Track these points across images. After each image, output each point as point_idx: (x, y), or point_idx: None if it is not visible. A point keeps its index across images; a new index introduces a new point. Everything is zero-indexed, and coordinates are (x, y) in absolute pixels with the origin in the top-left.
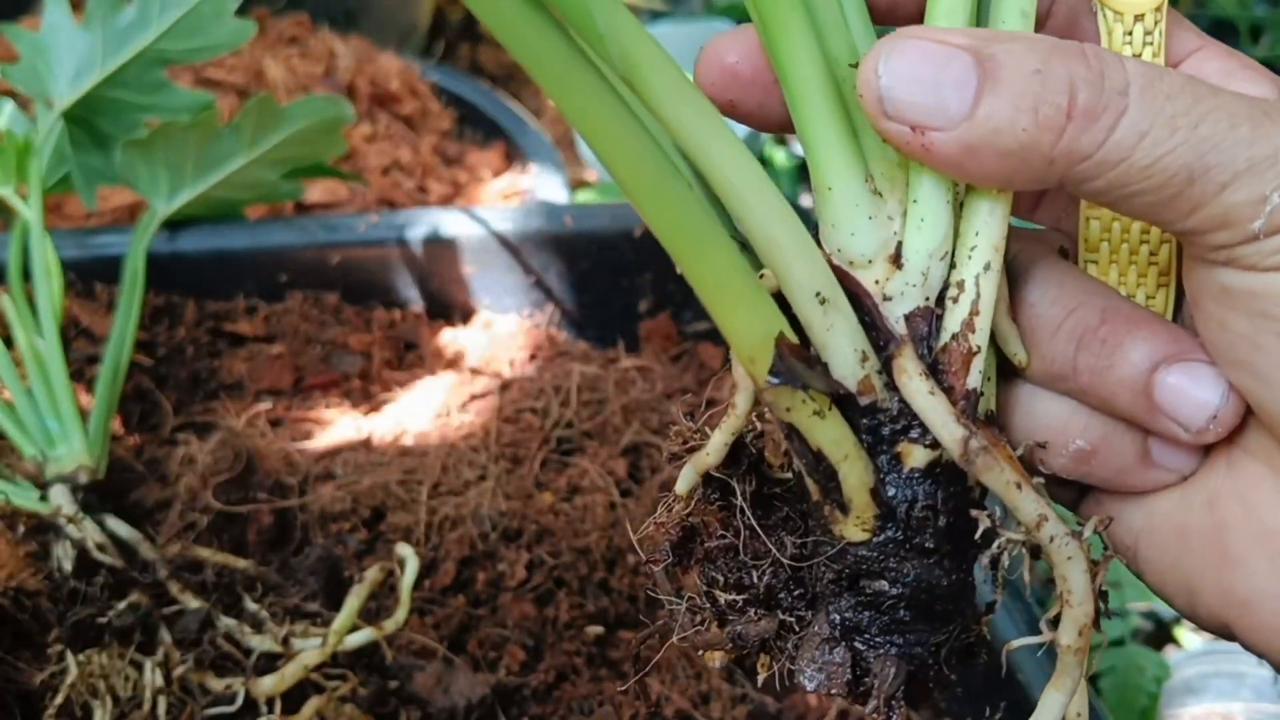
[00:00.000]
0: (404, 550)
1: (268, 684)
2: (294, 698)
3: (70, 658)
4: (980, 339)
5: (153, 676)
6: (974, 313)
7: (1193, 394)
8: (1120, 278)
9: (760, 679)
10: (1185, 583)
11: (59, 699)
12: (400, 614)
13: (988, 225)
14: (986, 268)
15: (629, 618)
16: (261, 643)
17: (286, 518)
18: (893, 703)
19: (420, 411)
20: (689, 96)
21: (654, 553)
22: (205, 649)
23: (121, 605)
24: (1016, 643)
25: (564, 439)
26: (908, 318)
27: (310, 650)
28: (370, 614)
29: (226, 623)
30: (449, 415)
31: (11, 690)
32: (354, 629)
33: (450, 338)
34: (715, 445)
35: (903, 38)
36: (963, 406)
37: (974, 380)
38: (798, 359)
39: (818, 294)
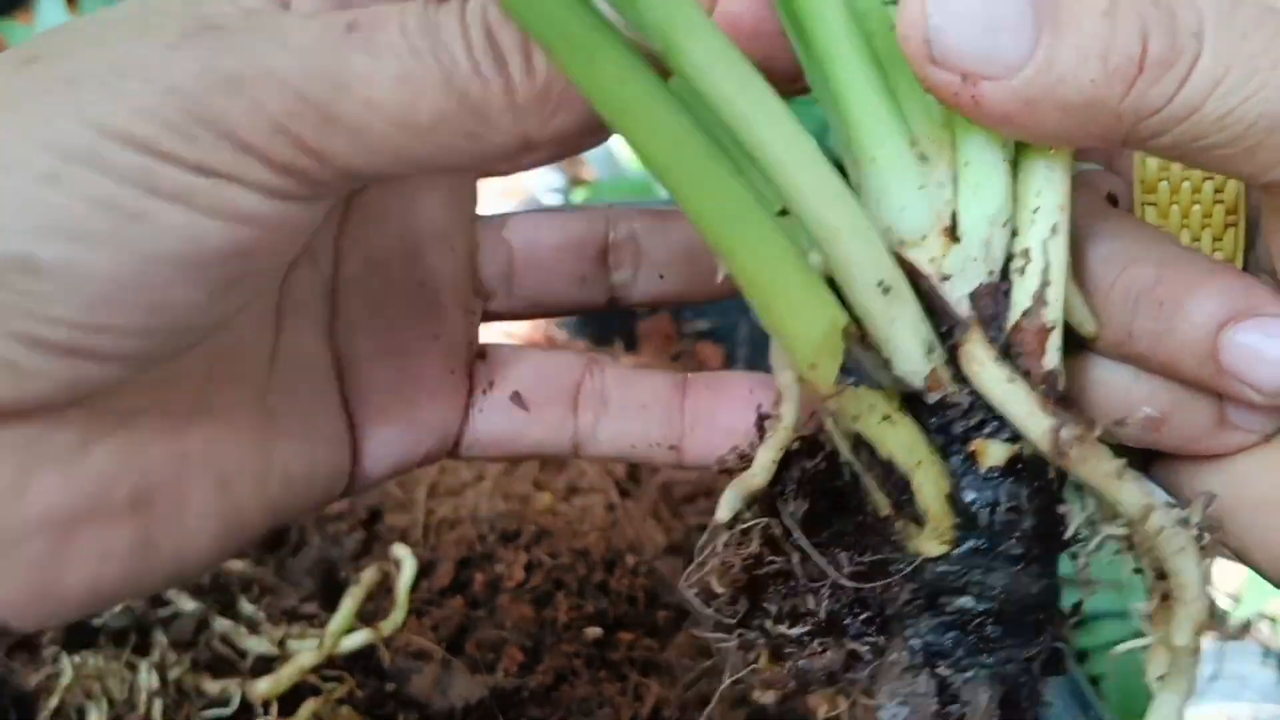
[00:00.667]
0: (401, 551)
1: (264, 686)
2: (290, 700)
3: (65, 660)
4: (1054, 313)
5: (148, 678)
6: (1045, 283)
7: (1266, 352)
8: (1183, 219)
9: None
10: (1272, 554)
11: (54, 701)
12: (397, 615)
13: (1049, 182)
14: (1054, 230)
15: (628, 619)
16: (257, 644)
17: None
18: None
19: None
20: (731, 62)
21: (702, 593)
22: (201, 651)
23: (116, 607)
24: (1123, 647)
25: None
26: (972, 296)
27: (307, 652)
28: (367, 615)
29: (222, 624)
30: None
31: (6, 692)
32: (351, 631)
33: None
34: (762, 464)
35: None
36: (1044, 391)
37: (1052, 360)
38: (866, 355)
39: (880, 283)
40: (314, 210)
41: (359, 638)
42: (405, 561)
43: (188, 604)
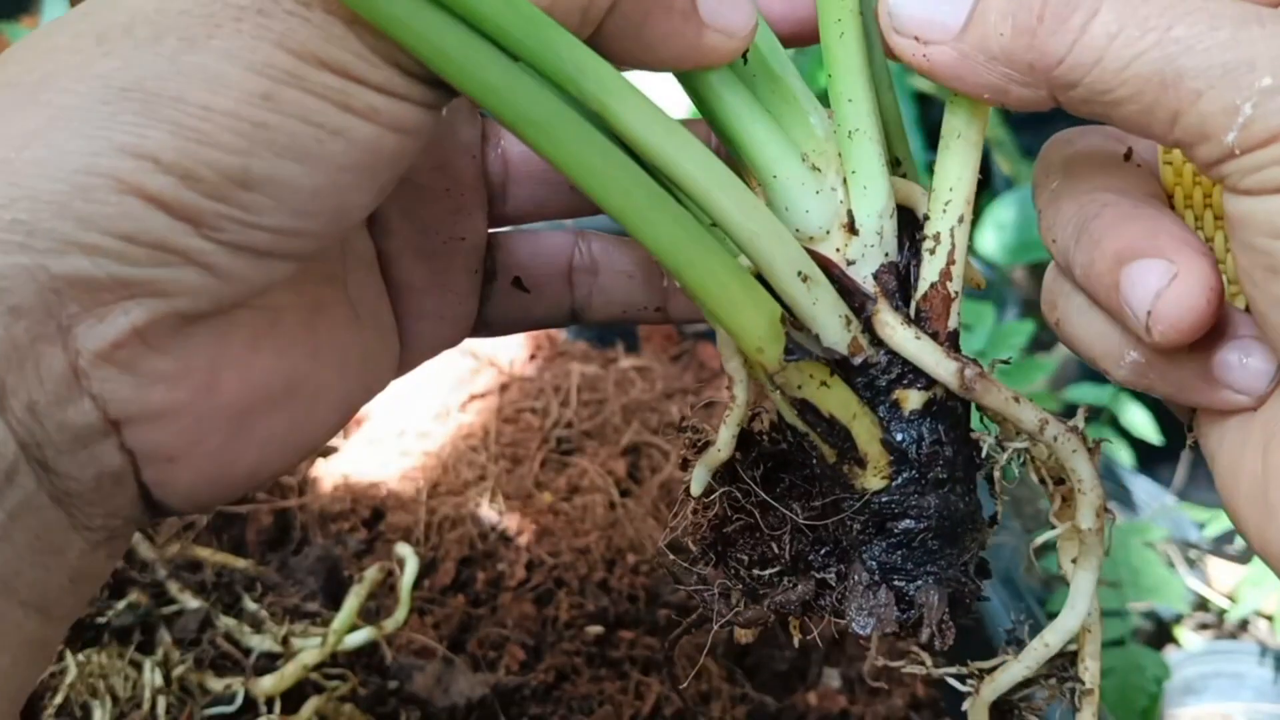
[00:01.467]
0: (403, 550)
1: (267, 684)
2: (293, 697)
3: (70, 657)
4: (957, 285)
5: (152, 676)
6: (950, 262)
7: (1143, 284)
8: (1197, 222)
9: (795, 640)
10: (1238, 519)
11: (58, 698)
12: (400, 614)
13: (960, 181)
14: (960, 220)
15: (629, 617)
16: (261, 642)
17: (286, 517)
18: (942, 626)
19: (420, 411)
20: (655, 116)
21: (680, 553)
22: (205, 648)
23: (121, 605)
24: (1039, 539)
25: (563, 439)
26: (875, 276)
27: (310, 650)
28: (370, 614)
29: (226, 622)
30: (449, 415)
31: None
32: (353, 629)
33: None
34: (724, 440)
35: None
36: (949, 345)
37: (954, 322)
38: (803, 336)
39: (799, 273)
40: (438, 119)
41: (362, 636)
42: (408, 560)
43: (192, 602)
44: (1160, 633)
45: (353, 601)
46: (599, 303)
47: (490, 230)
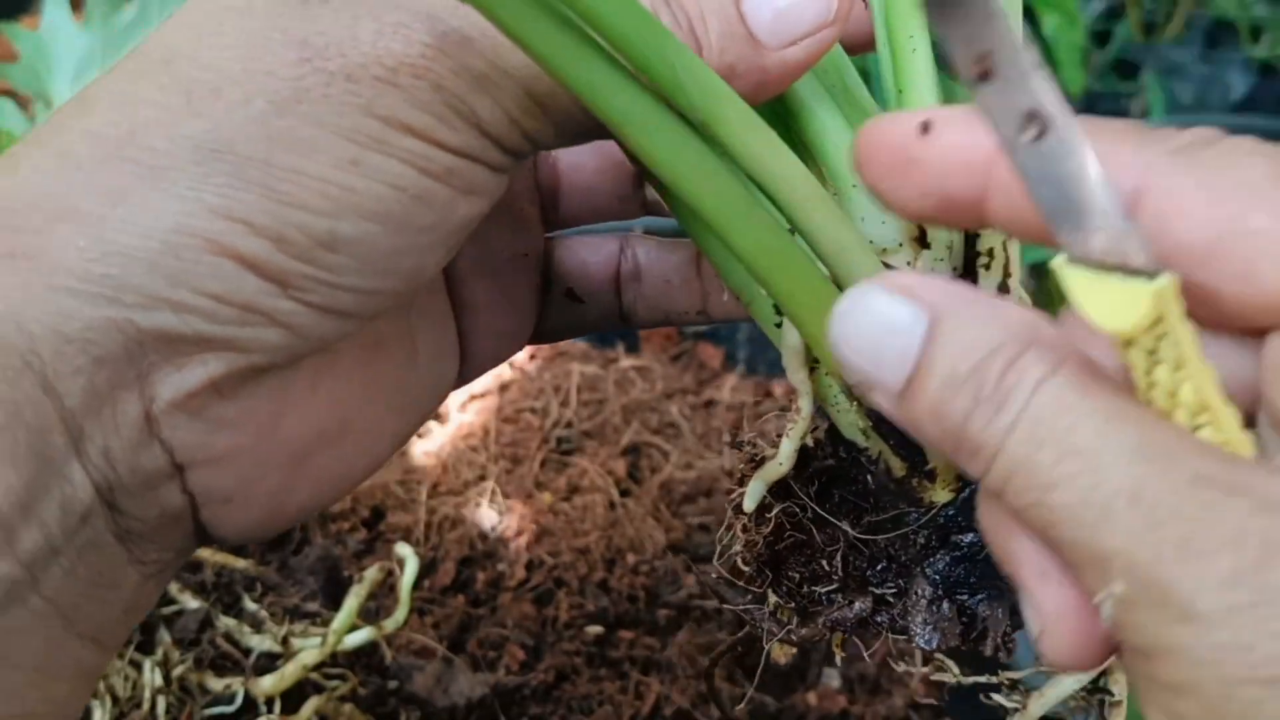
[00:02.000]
0: (403, 550)
1: (267, 684)
2: (293, 697)
3: None
4: (1016, 295)
5: (152, 676)
6: (1007, 274)
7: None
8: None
9: (838, 658)
10: None
11: None
12: (400, 614)
13: None
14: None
15: (629, 617)
16: (261, 642)
17: None
18: (1005, 639)
19: None
20: (755, 125)
21: (736, 571)
22: (204, 648)
23: None
24: None
25: (563, 439)
26: None
27: (310, 650)
28: (370, 614)
29: (226, 622)
30: (448, 415)
31: None
32: (353, 629)
33: None
34: (786, 454)
35: (857, 295)
36: None
37: None
38: None
39: None
40: (505, 183)
41: (361, 636)
42: (408, 560)
43: (191, 602)
44: None
45: (352, 601)
46: (644, 308)
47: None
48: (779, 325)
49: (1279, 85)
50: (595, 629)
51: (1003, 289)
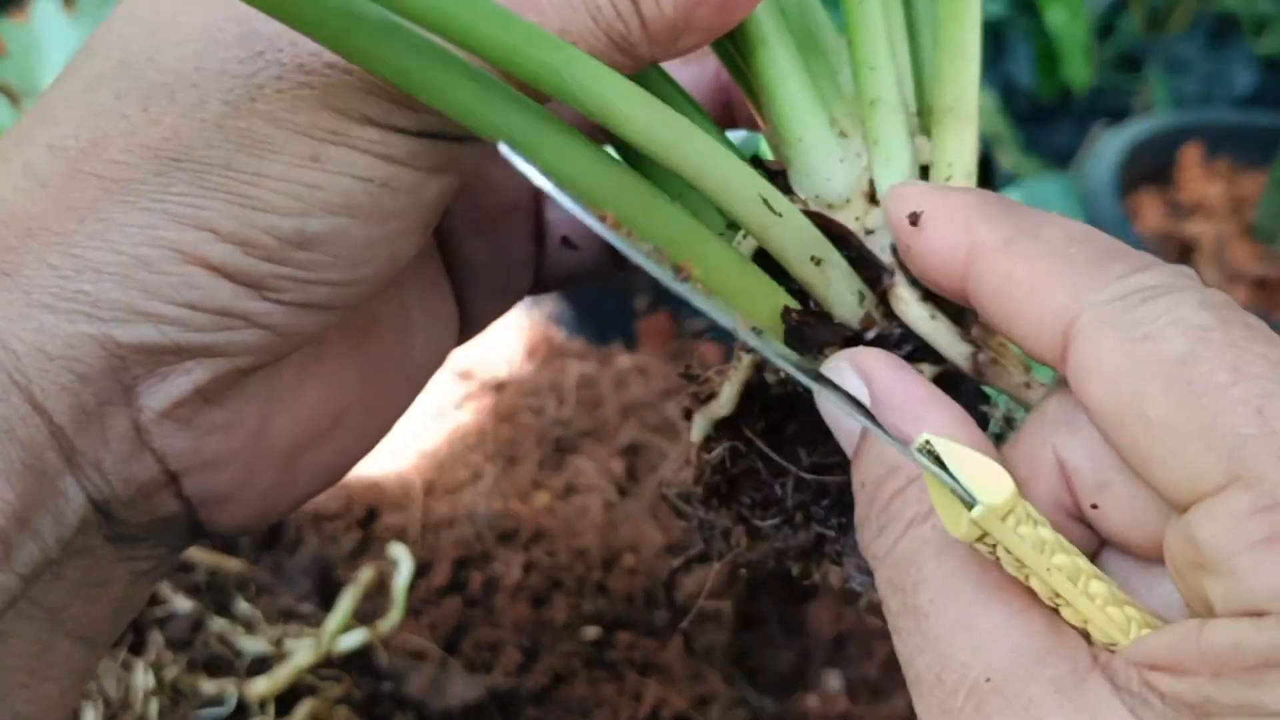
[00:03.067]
0: (398, 550)
1: (260, 686)
2: (287, 700)
3: None
4: None
5: (144, 678)
6: None
7: None
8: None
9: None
10: None
11: None
12: (394, 615)
13: (959, 156)
14: None
15: (626, 619)
16: (254, 644)
17: None
18: None
19: (415, 410)
20: (657, 114)
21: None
22: (197, 650)
23: None
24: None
25: (560, 438)
26: (893, 248)
27: (303, 652)
28: (364, 615)
29: (218, 624)
30: (444, 414)
31: None
32: (347, 630)
33: None
34: (727, 397)
35: (831, 362)
36: (961, 323)
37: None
38: (803, 323)
39: (812, 257)
40: (476, 152)
41: (356, 637)
42: (402, 561)
43: (184, 604)
44: None
45: (347, 603)
46: None
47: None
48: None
49: None
50: (593, 630)
51: None
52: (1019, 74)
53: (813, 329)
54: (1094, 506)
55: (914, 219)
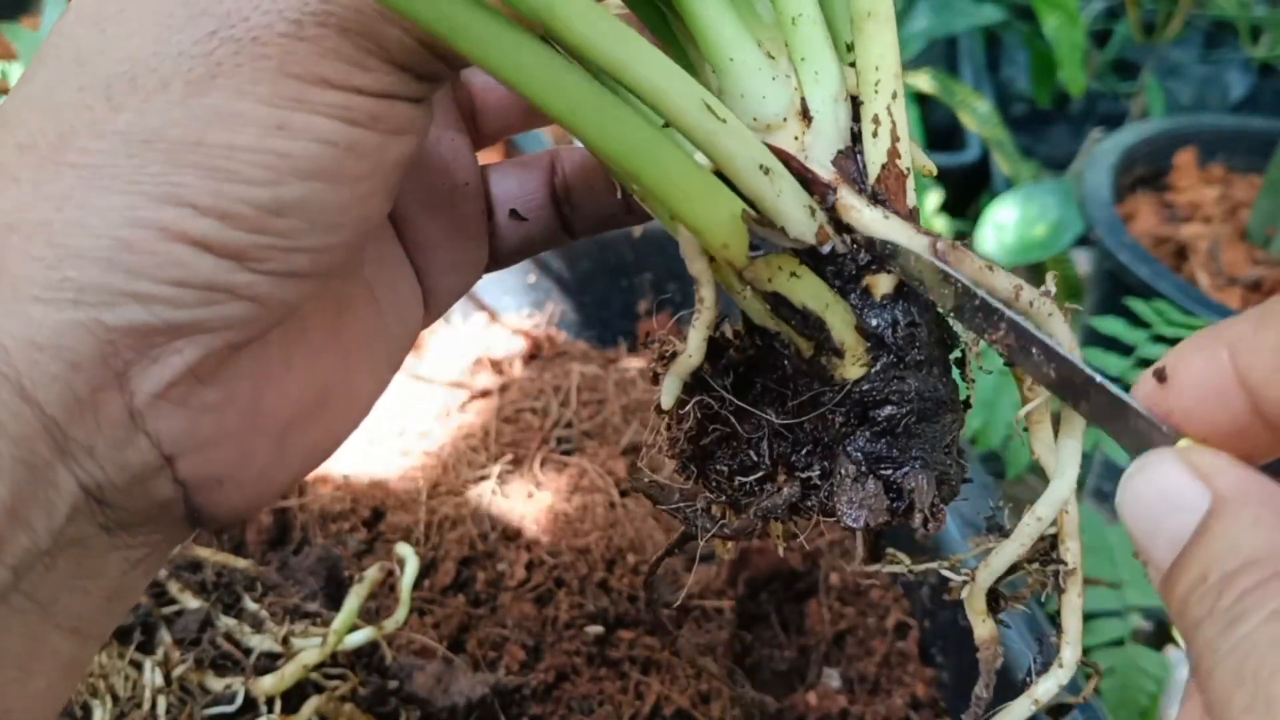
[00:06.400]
0: (404, 550)
1: (267, 683)
2: (294, 697)
3: None
4: (906, 161)
5: (152, 676)
6: (895, 139)
7: None
8: None
9: (780, 549)
10: None
11: None
12: (400, 614)
13: (884, 60)
14: (894, 96)
15: (629, 617)
16: (261, 642)
17: (286, 517)
18: (935, 509)
19: (420, 411)
20: (600, 20)
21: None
22: (205, 648)
23: None
24: (1023, 411)
25: (564, 439)
26: (834, 163)
27: (310, 650)
28: (370, 614)
29: (226, 622)
30: (449, 415)
31: None
32: (354, 629)
33: (450, 337)
34: (695, 345)
35: (1150, 461)
36: (913, 220)
37: (911, 199)
38: (767, 229)
39: (760, 166)
40: (432, 110)
41: (362, 636)
42: (408, 560)
43: (192, 602)
44: (1160, 633)
45: (353, 601)
46: (580, 217)
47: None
48: (674, 217)
49: (1278, 85)
50: (595, 629)
51: (893, 154)
52: (1016, 79)
53: (777, 235)
54: None
55: (1159, 374)
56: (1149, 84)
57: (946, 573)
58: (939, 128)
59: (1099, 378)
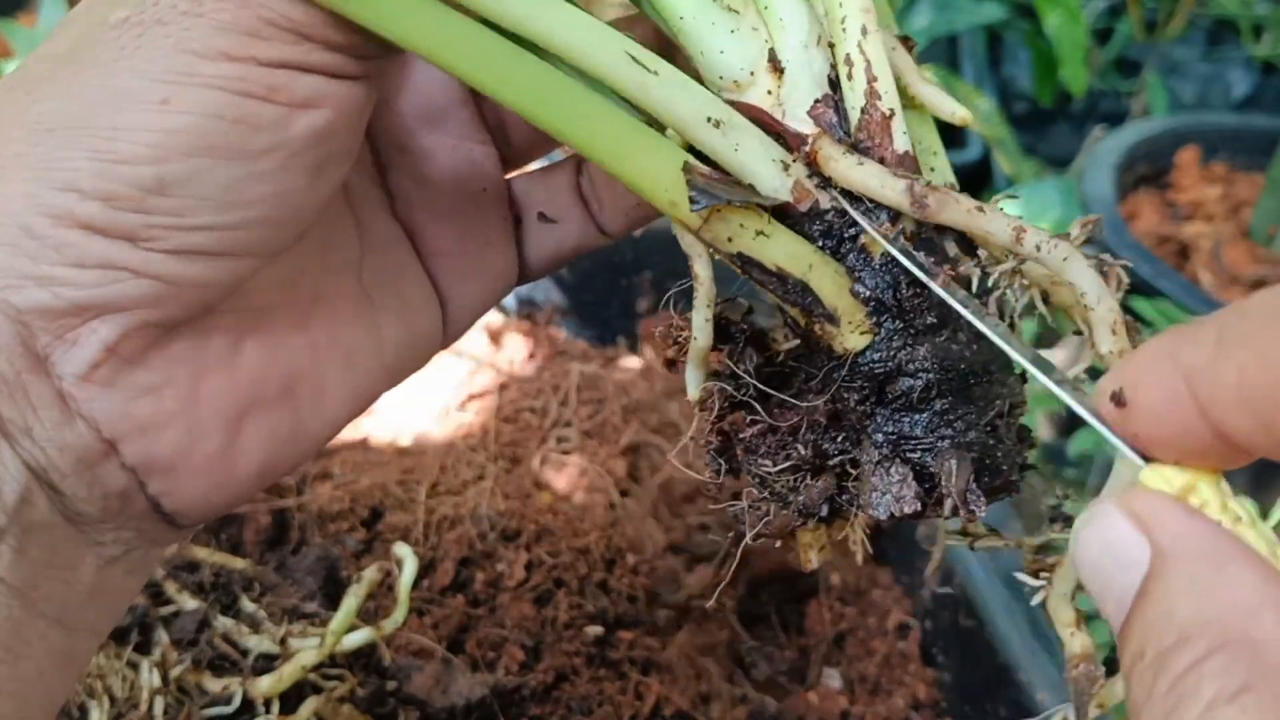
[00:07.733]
0: (402, 550)
1: (265, 684)
2: (291, 698)
3: None
4: (889, 101)
5: (150, 677)
6: (871, 79)
7: None
8: None
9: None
10: None
11: None
12: (398, 614)
13: None
14: (864, 32)
15: (628, 618)
16: (259, 643)
17: (284, 517)
18: (968, 497)
19: (419, 411)
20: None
21: (706, 469)
22: (202, 649)
23: None
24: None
25: (563, 438)
26: (810, 114)
27: (308, 650)
28: (368, 614)
29: (224, 623)
30: (447, 414)
31: None
32: (352, 629)
33: None
34: (698, 326)
35: (1097, 513)
36: (901, 168)
37: (901, 143)
38: (712, 180)
39: (709, 119)
40: (366, 89)
41: (360, 636)
42: (406, 560)
43: (189, 602)
44: None
45: (351, 602)
46: (609, 215)
47: (508, 176)
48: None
49: None
50: (595, 629)
51: (871, 95)
52: (1017, 78)
53: (721, 186)
54: None
55: (1116, 398)
56: (1151, 82)
57: (1022, 576)
58: (940, 126)
59: (1060, 391)
